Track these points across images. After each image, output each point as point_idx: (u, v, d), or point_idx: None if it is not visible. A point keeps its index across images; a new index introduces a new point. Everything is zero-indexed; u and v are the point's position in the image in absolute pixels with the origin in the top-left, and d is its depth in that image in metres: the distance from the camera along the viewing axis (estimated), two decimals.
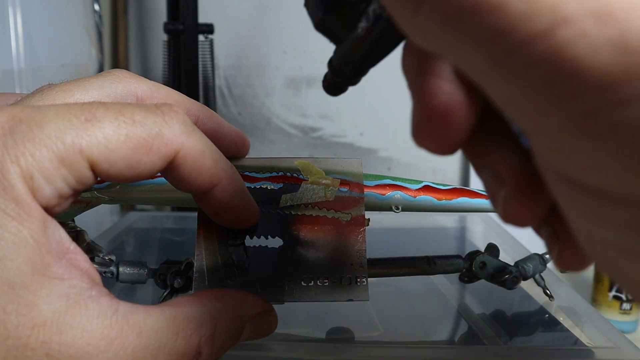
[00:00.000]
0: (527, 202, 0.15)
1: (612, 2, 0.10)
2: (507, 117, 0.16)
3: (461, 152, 0.17)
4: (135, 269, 0.36)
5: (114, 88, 0.26)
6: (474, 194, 0.35)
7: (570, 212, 0.14)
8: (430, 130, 0.15)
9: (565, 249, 0.16)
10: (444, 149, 0.16)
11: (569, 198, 0.13)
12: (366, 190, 0.31)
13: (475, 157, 0.17)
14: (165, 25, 0.70)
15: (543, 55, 0.11)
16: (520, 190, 0.15)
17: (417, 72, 0.16)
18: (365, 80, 0.23)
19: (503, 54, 0.11)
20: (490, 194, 0.16)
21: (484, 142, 0.16)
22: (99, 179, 0.20)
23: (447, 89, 0.15)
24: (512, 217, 0.16)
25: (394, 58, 0.20)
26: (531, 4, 0.11)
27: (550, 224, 0.16)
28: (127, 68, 0.82)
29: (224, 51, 0.81)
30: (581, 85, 0.11)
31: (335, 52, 0.20)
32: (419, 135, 0.16)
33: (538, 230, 0.17)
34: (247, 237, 0.28)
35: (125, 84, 0.26)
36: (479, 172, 0.17)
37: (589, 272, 0.67)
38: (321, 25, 0.19)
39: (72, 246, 0.20)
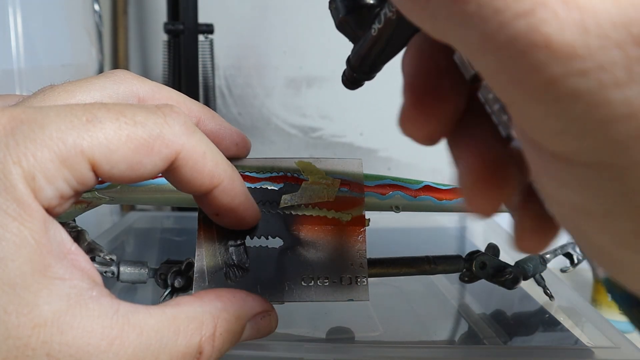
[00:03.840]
0: (489, 190, 0.18)
1: None
2: (489, 107, 0.18)
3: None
4: (136, 268, 0.36)
5: (116, 89, 0.26)
6: None
7: (541, 179, 0.16)
8: (415, 117, 0.18)
9: (523, 232, 0.18)
10: (426, 137, 0.19)
11: (540, 164, 0.15)
12: (366, 191, 0.31)
13: (455, 151, 0.19)
14: (165, 25, 0.70)
15: (524, 30, 0.13)
16: (485, 178, 0.18)
17: (413, 65, 0.19)
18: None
19: (495, 29, 0.14)
20: (461, 183, 0.18)
21: (465, 137, 0.19)
22: (100, 179, 0.21)
23: (435, 80, 0.18)
24: (476, 204, 0.18)
25: (395, 59, 0.21)
26: None
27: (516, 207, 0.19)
28: (127, 68, 0.82)
29: (224, 51, 0.81)
30: (549, 56, 0.13)
31: (353, 50, 0.22)
32: (404, 121, 0.19)
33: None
34: (248, 237, 0.28)
35: (127, 85, 0.26)
36: (456, 165, 0.19)
37: (589, 272, 0.67)
38: (341, 25, 0.21)
39: (74, 247, 0.20)
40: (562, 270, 0.44)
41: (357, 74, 0.23)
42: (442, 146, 0.20)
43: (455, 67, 0.18)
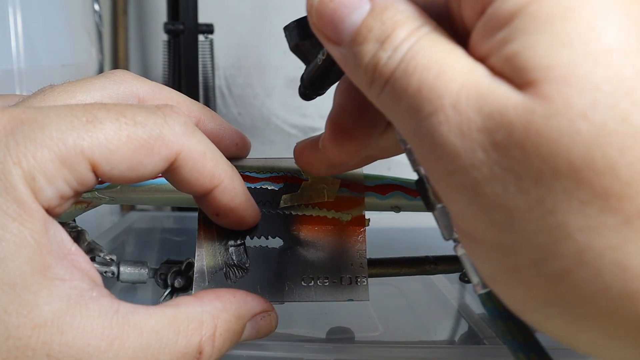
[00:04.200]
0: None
1: (461, 97, 0.15)
2: (402, 146, 0.21)
3: None
4: (136, 268, 0.36)
5: (116, 89, 0.26)
6: None
7: (467, 252, 0.18)
8: (332, 147, 0.23)
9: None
10: (341, 163, 0.25)
11: (462, 240, 0.18)
12: (366, 191, 0.31)
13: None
14: (165, 25, 0.70)
15: (430, 128, 0.16)
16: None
17: (341, 100, 0.23)
18: None
19: (417, 124, 0.16)
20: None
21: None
22: (99, 180, 0.21)
23: (355, 119, 0.22)
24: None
25: None
26: (431, 93, 0.16)
27: None
28: (127, 68, 0.82)
29: (224, 51, 0.81)
30: (443, 153, 0.16)
31: (305, 70, 0.25)
32: (325, 146, 0.24)
33: None
34: (248, 237, 0.28)
35: (127, 85, 0.26)
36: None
37: None
38: (295, 49, 0.24)
39: (74, 247, 0.20)
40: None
41: (308, 91, 0.25)
42: None
43: None
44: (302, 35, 0.23)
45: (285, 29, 0.23)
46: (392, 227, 0.58)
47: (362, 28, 0.17)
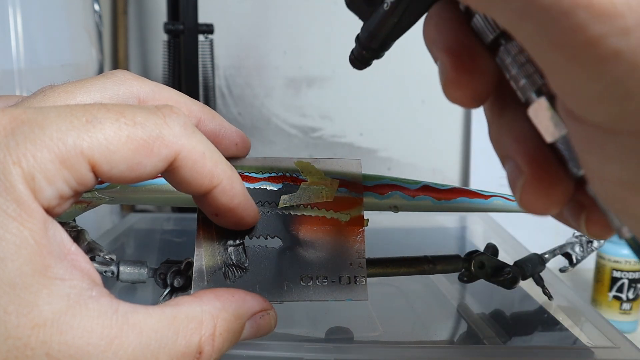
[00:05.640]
0: (542, 190, 0.17)
1: None
2: (507, 73, 0.18)
3: (464, 149, 0.19)
4: (136, 268, 0.36)
5: (116, 89, 0.26)
6: (473, 194, 0.35)
7: (583, 155, 0.15)
8: (459, 78, 0.18)
9: (591, 214, 0.18)
10: (473, 97, 0.18)
11: (583, 139, 0.15)
12: (365, 191, 0.31)
13: (499, 137, 0.19)
14: (165, 25, 0.70)
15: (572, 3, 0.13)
16: (535, 179, 0.17)
17: (442, 32, 0.19)
18: (366, 80, 0.24)
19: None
20: (511, 184, 0.18)
21: (505, 106, 0.19)
22: (99, 180, 0.21)
23: (468, 42, 0.18)
24: (530, 204, 0.18)
25: (395, 61, 0.21)
26: None
27: (574, 199, 0.18)
28: (127, 68, 0.82)
29: (224, 51, 0.81)
30: (591, 16, 0.13)
31: (363, 27, 0.22)
32: (449, 86, 0.18)
33: (560, 216, 0.19)
34: (247, 237, 0.28)
35: (127, 86, 0.26)
36: (504, 164, 0.19)
37: (589, 272, 0.67)
38: (351, 3, 0.21)
39: (73, 247, 0.20)
40: (561, 270, 0.44)
41: (366, 52, 0.22)
42: (442, 147, 0.20)
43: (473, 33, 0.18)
44: None
45: None
46: (391, 227, 0.58)
47: None
